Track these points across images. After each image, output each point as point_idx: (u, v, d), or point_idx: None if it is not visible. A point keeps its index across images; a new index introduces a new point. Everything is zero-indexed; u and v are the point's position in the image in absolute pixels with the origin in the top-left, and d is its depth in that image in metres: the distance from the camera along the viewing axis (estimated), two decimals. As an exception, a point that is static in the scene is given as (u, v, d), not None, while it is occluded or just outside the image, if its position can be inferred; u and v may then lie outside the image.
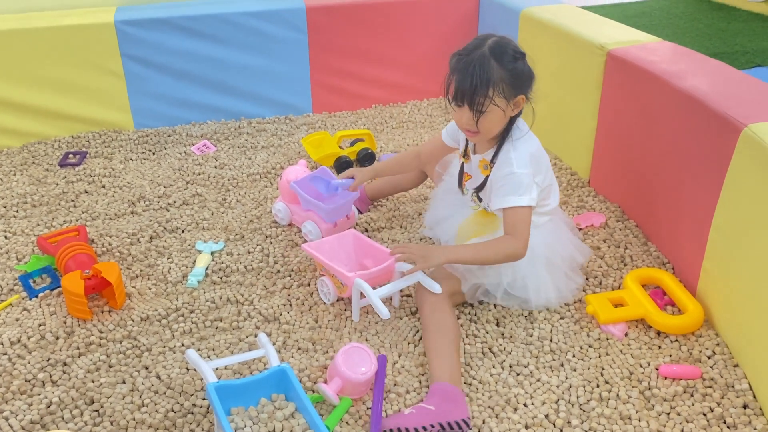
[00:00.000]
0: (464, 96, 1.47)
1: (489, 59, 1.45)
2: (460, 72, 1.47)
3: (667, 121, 1.73)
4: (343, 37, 2.71)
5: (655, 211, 1.83)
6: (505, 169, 1.52)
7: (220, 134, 2.62)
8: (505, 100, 1.47)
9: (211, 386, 1.24)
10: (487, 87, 1.44)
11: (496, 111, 1.47)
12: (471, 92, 1.45)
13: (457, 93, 1.48)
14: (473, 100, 1.45)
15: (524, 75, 1.49)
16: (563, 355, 1.48)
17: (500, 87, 1.45)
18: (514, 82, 1.47)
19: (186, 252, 1.89)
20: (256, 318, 1.61)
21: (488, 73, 1.44)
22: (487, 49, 1.46)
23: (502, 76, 1.45)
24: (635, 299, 1.57)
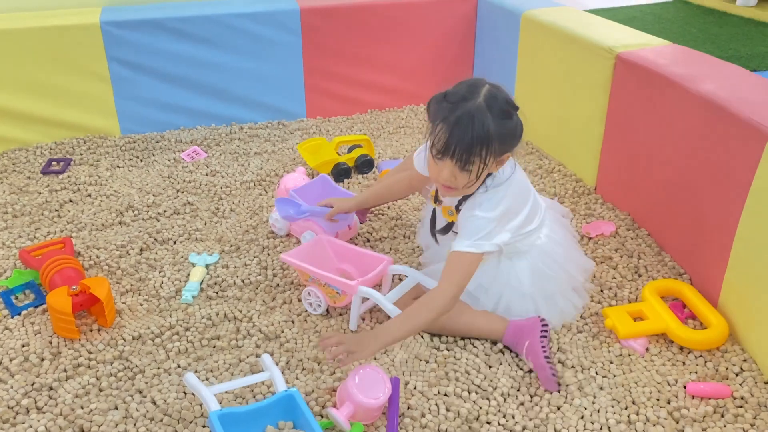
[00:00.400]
0: (454, 152, 1.30)
1: (485, 114, 1.28)
2: (454, 125, 1.29)
3: (683, 126, 1.67)
4: (338, 40, 2.62)
5: (670, 220, 1.77)
6: (468, 212, 1.41)
7: (210, 140, 2.52)
8: (494, 157, 1.33)
9: (214, 415, 1.14)
10: (481, 147, 1.29)
11: (481, 168, 1.33)
12: (467, 151, 1.29)
13: (448, 148, 1.30)
14: (466, 158, 1.30)
15: (517, 132, 1.35)
16: (586, 371, 1.40)
17: (493, 147, 1.31)
18: (506, 139, 1.33)
19: (179, 265, 1.78)
20: (256, 336, 1.52)
21: (485, 130, 1.28)
22: (484, 102, 1.29)
23: (497, 135, 1.30)
24: (655, 313, 1.50)
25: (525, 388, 1.37)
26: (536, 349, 1.39)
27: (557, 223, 1.62)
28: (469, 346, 1.48)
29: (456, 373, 1.40)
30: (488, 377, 1.39)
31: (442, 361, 1.43)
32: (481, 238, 1.38)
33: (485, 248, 1.38)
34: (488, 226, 1.39)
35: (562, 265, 1.54)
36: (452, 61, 2.80)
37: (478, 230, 1.38)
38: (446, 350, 1.47)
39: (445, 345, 1.48)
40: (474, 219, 1.39)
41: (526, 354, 1.41)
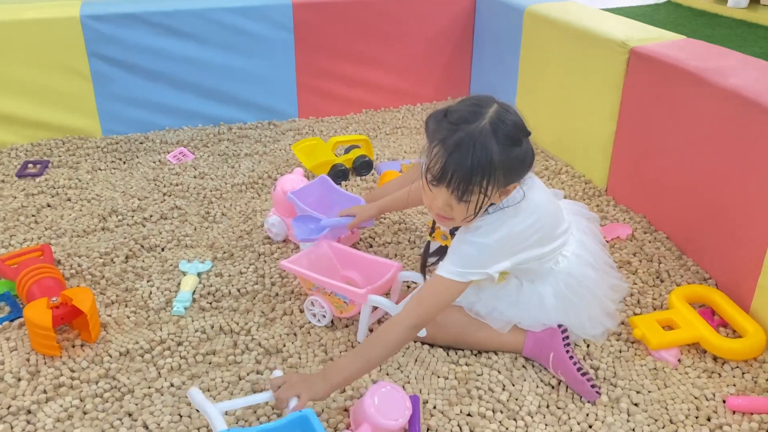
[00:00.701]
0: (451, 180, 1.13)
1: (491, 140, 1.12)
2: (453, 149, 1.12)
3: (709, 123, 1.58)
4: (333, 37, 2.51)
5: (691, 222, 1.68)
6: (462, 235, 1.25)
7: (197, 141, 2.39)
8: (497, 188, 1.16)
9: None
10: (485, 176, 1.12)
11: (481, 200, 1.16)
12: (465, 180, 1.12)
13: (444, 175, 1.13)
14: (464, 188, 1.13)
15: (526, 161, 1.18)
16: (619, 386, 1.29)
17: (497, 178, 1.14)
18: (513, 169, 1.17)
19: (168, 273, 1.65)
20: (255, 351, 1.39)
21: (488, 158, 1.11)
22: (489, 125, 1.13)
23: (503, 164, 1.13)
24: (686, 321, 1.40)
25: (553, 406, 1.26)
26: (565, 361, 1.28)
27: (587, 235, 1.46)
28: (489, 359, 1.37)
29: (478, 390, 1.28)
30: (513, 394, 1.28)
31: (462, 377, 1.31)
32: (469, 265, 1.21)
33: (471, 277, 1.22)
34: (481, 253, 1.22)
35: (592, 289, 1.39)
36: (450, 59, 2.70)
37: (468, 257, 1.22)
38: (465, 365, 1.35)
39: (464, 359, 1.37)
40: (466, 244, 1.23)
41: (554, 367, 1.31)
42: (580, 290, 1.37)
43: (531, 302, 1.35)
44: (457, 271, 1.21)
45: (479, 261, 1.22)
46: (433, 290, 1.24)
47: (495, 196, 1.18)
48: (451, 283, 1.22)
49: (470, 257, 1.22)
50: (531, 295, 1.35)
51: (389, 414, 1.11)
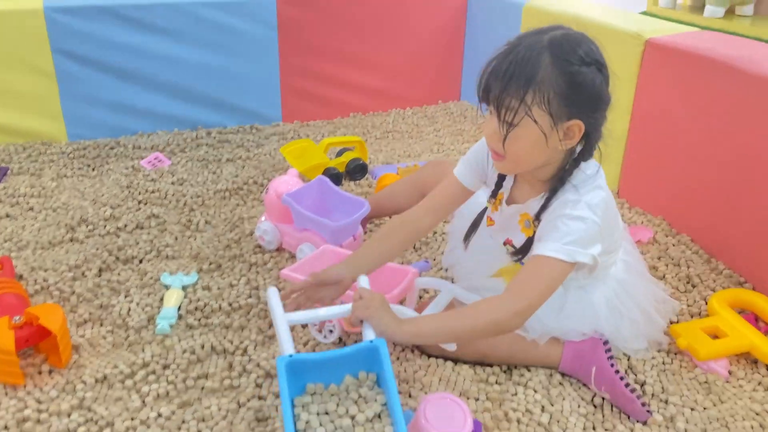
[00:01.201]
0: (490, 92, 1.02)
1: (543, 52, 0.99)
2: (498, 58, 1.03)
3: (740, 114, 1.46)
4: (319, 35, 2.35)
5: (719, 223, 1.56)
6: (558, 211, 1.08)
7: (174, 146, 2.20)
8: (550, 117, 1.00)
9: (281, 361, 0.98)
10: (525, 87, 0.99)
11: (533, 130, 1.01)
12: (501, 89, 1.00)
13: (484, 87, 1.03)
14: (501, 100, 1.01)
15: (590, 91, 1.01)
16: (672, 403, 1.15)
17: (545, 95, 0.99)
18: (571, 95, 1.00)
19: (149, 287, 1.46)
20: (254, 373, 1.21)
21: (533, 67, 0.98)
22: (547, 40, 1.01)
23: (554, 80, 0.99)
24: (734, 328, 1.27)
25: (600, 428, 1.11)
26: (610, 377, 1.13)
27: (625, 240, 1.31)
28: (521, 377, 1.21)
29: (515, 412, 1.12)
30: (554, 416, 1.12)
31: (496, 397, 1.15)
32: (574, 242, 1.03)
33: (578, 257, 1.03)
34: (588, 228, 1.04)
35: (640, 300, 1.24)
36: (441, 60, 2.57)
37: (573, 232, 1.04)
38: (496, 384, 1.19)
39: (493, 377, 1.21)
40: (566, 219, 1.05)
41: (597, 383, 1.16)
42: (628, 300, 1.23)
43: (578, 309, 1.20)
44: (565, 249, 1.03)
45: (585, 237, 1.04)
46: (538, 272, 1.04)
47: (552, 132, 1.01)
48: (557, 263, 1.03)
49: (576, 231, 1.04)
50: (579, 301, 1.20)
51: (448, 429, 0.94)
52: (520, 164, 1.09)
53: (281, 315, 1.08)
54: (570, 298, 1.20)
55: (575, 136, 1.04)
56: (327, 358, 1.01)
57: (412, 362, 1.24)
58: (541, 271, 1.05)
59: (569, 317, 1.19)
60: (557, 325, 1.20)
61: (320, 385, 1.01)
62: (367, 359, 1.02)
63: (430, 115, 2.54)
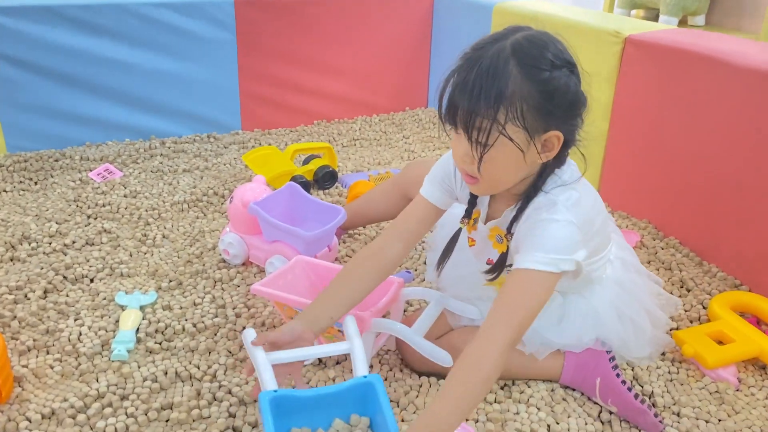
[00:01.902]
0: (456, 113, 0.90)
1: (509, 61, 0.88)
2: (459, 75, 0.90)
3: (729, 110, 1.41)
4: (280, 39, 2.24)
5: (709, 224, 1.50)
6: (537, 216, 0.96)
7: (125, 157, 2.04)
8: (526, 132, 0.89)
9: (265, 396, 0.88)
10: (495, 105, 0.87)
11: (509, 148, 0.91)
12: (468, 109, 0.89)
13: (448, 108, 0.91)
14: (470, 122, 0.89)
15: (566, 97, 0.90)
16: (684, 415, 1.06)
17: (518, 110, 0.88)
18: (545, 105, 0.89)
19: (101, 309, 1.31)
20: (226, 401, 1.08)
21: (501, 82, 0.87)
22: (510, 47, 0.89)
23: (525, 92, 0.88)
24: (740, 333, 1.20)
25: None
26: (617, 388, 1.04)
27: (617, 234, 1.24)
28: (522, 394, 1.11)
29: (520, 432, 1.02)
30: (562, 435, 1.02)
31: (497, 417, 1.05)
32: (557, 249, 0.92)
33: (563, 266, 0.92)
34: (568, 232, 0.93)
35: (641, 299, 1.16)
36: (407, 66, 2.48)
37: (555, 239, 0.93)
38: (495, 402, 1.09)
39: (491, 395, 1.10)
40: (545, 224, 0.94)
41: (602, 396, 1.06)
42: (630, 300, 1.14)
43: (579, 318, 1.10)
44: (548, 258, 0.91)
45: (568, 242, 0.93)
46: (523, 289, 0.92)
47: (530, 147, 0.91)
48: (543, 276, 0.91)
49: (556, 237, 0.93)
50: (579, 309, 1.11)
51: None
52: (497, 185, 0.98)
53: (263, 356, 0.94)
54: (570, 308, 1.11)
55: (554, 148, 0.93)
56: (315, 396, 0.91)
57: (401, 382, 1.12)
58: (526, 287, 0.92)
59: (570, 327, 1.10)
60: (558, 338, 1.10)
61: (306, 430, 0.90)
62: (361, 398, 0.91)
63: (397, 122, 2.45)
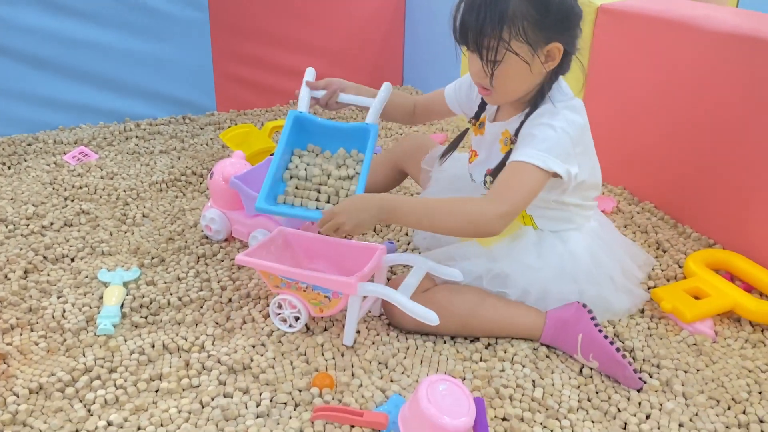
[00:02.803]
0: (467, 36, 1.07)
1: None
2: (465, 3, 1.07)
3: (700, 73, 1.44)
4: (254, 18, 2.22)
5: (683, 188, 1.54)
6: (535, 120, 1.10)
7: (100, 139, 2.02)
8: (529, 46, 1.04)
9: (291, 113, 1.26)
10: (499, 25, 1.03)
11: (516, 62, 1.06)
12: (477, 32, 1.05)
13: (461, 31, 1.08)
14: (480, 42, 1.05)
15: (560, 11, 1.05)
16: (665, 367, 1.09)
17: (520, 27, 1.03)
18: (543, 21, 1.04)
19: (84, 286, 1.30)
20: (216, 369, 1.08)
21: (502, 4, 1.03)
22: None
23: (524, 11, 1.03)
24: (715, 288, 1.24)
25: (596, 398, 1.04)
26: (600, 343, 1.07)
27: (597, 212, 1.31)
28: (505, 353, 1.13)
29: (507, 389, 1.04)
30: (547, 390, 1.05)
31: (484, 375, 1.07)
32: (549, 150, 1.05)
33: (553, 166, 1.05)
34: (560, 137, 1.06)
35: (619, 255, 1.22)
36: (382, 44, 2.49)
37: (547, 140, 1.06)
38: (481, 361, 1.11)
39: (477, 354, 1.12)
40: (541, 127, 1.08)
41: (584, 352, 1.09)
42: (605, 248, 1.20)
43: (556, 256, 1.16)
44: (540, 155, 1.05)
45: (560, 147, 1.07)
46: (517, 177, 1.06)
47: (534, 59, 1.06)
48: (533, 169, 1.05)
49: (551, 139, 1.06)
50: (555, 249, 1.17)
51: (453, 413, 0.85)
52: (509, 95, 1.13)
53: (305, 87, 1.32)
54: (547, 247, 1.17)
55: (556, 57, 1.08)
56: (329, 126, 1.28)
57: (389, 345, 1.14)
58: (520, 176, 1.06)
59: (547, 267, 1.15)
60: (537, 280, 1.14)
61: (318, 148, 1.28)
62: (360, 138, 1.24)
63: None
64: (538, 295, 1.16)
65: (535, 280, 1.15)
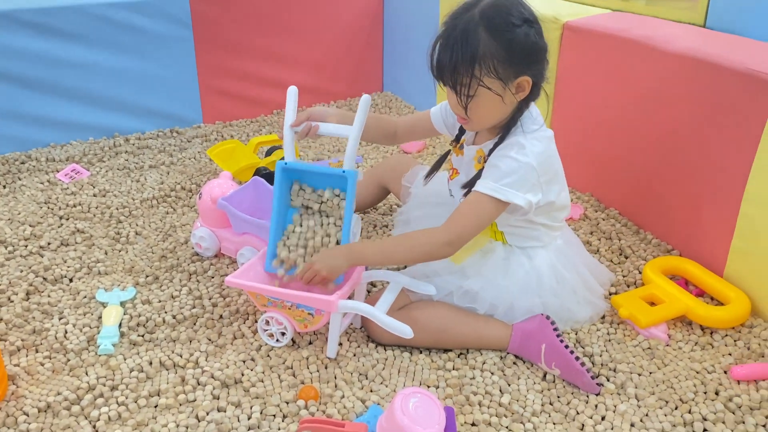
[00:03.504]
0: (444, 74, 1.17)
1: (477, 27, 1.12)
2: (442, 42, 1.16)
3: (657, 91, 1.54)
4: (236, 32, 2.29)
5: (644, 195, 1.63)
6: (503, 151, 1.20)
7: (91, 155, 2.09)
8: (500, 81, 1.14)
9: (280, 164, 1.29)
10: (471, 64, 1.13)
11: (489, 95, 1.16)
12: (451, 70, 1.15)
13: (437, 69, 1.18)
14: (454, 80, 1.15)
15: (526, 49, 1.14)
16: (620, 371, 1.20)
17: (490, 65, 1.13)
18: (511, 58, 1.13)
19: (83, 307, 1.39)
20: (210, 384, 1.18)
21: (473, 45, 1.12)
22: (478, 13, 1.13)
23: (493, 50, 1.12)
24: (669, 294, 1.34)
25: (557, 402, 1.14)
26: (561, 353, 1.17)
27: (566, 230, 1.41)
28: (475, 361, 1.23)
29: (476, 396, 1.14)
30: (514, 395, 1.15)
31: (455, 383, 1.17)
32: (510, 184, 1.16)
33: (511, 197, 1.16)
34: (523, 171, 1.16)
35: (581, 271, 1.32)
36: (361, 52, 2.56)
37: (507, 172, 1.16)
38: (454, 369, 1.21)
39: (450, 363, 1.22)
40: (506, 158, 1.17)
41: (547, 360, 1.19)
42: (568, 264, 1.30)
43: (522, 273, 1.26)
44: (497, 186, 1.16)
45: (519, 179, 1.16)
46: (471, 207, 1.18)
47: (506, 92, 1.16)
48: (489, 200, 1.17)
49: (510, 172, 1.16)
50: (522, 265, 1.27)
51: (425, 424, 0.95)
52: (484, 123, 1.23)
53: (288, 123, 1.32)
54: (513, 260, 1.27)
55: (526, 89, 1.18)
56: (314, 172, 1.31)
57: (369, 357, 1.23)
58: (475, 207, 1.18)
59: (514, 284, 1.25)
60: (504, 294, 1.24)
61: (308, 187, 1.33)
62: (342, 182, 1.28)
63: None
64: (505, 309, 1.25)
65: (502, 295, 1.25)
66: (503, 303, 1.25)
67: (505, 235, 1.31)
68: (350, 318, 1.28)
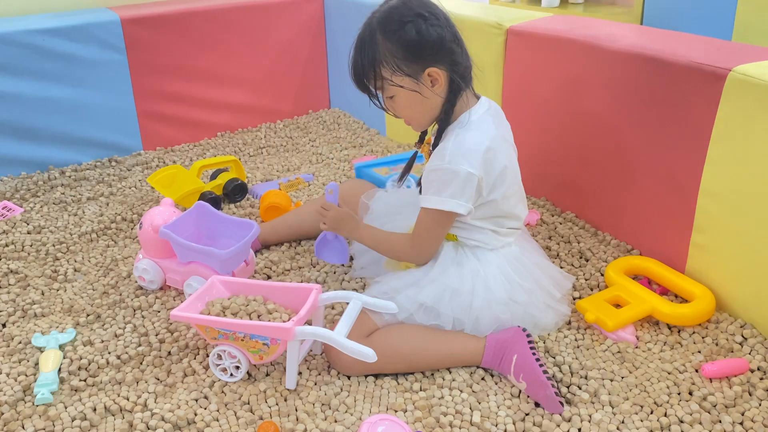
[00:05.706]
0: (359, 83, 1.24)
1: (374, 32, 1.19)
2: (351, 54, 1.23)
3: (604, 89, 1.52)
4: (173, 55, 2.21)
5: (599, 197, 1.62)
6: (434, 162, 1.22)
7: (24, 191, 1.97)
8: (409, 78, 1.19)
9: None
10: (376, 68, 1.19)
11: (406, 93, 1.20)
12: (360, 77, 1.22)
13: (354, 82, 1.25)
14: (368, 87, 1.23)
15: (421, 41, 1.17)
16: (592, 378, 1.16)
17: (393, 64, 1.18)
18: (411, 53, 1.17)
19: (18, 353, 1.28)
20: (160, 428, 1.09)
21: (373, 50, 1.18)
22: (375, 20, 1.20)
23: (392, 50, 1.17)
24: (634, 295, 1.32)
25: (530, 416, 1.10)
26: (530, 364, 1.12)
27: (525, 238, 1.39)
28: (443, 380, 1.18)
29: (447, 417, 1.09)
30: (484, 413, 1.10)
31: (424, 405, 1.11)
32: (438, 191, 1.19)
33: (456, 208, 1.19)
34: (457, 177, 1.17)
35: (537, 278, 1.28)
36: (305, 69, 2.50)
37: (444, 183, 1.19)
38: (421, 390, 1.15)
39: (417, 384, 1.16)
40: (439, 172, 1.20)
41: (516, 372, 1.14)
42: (526, 275, 1.26)
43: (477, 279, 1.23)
44: (432, 199, 1.20)
45: (453, 184, 1.18)
46: (424, 226, 1.24)
47: (420, 86, 1.19)
48: (435, 212, 1.21)
49: (443, 182, 1.19)
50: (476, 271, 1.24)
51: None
52: (419, 121, 1.26)
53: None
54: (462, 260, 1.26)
55: (440, 79, 1.19)
56: None
57: (331, 384, 1.17)
58: (427, 222, 1.23)
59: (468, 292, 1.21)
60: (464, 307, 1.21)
61: None
62: None
63: (302, 125, 2.47)
64: (472, 324, 1.21)
65: (462, 307, 1.20)
66: (469, 318, 1.20)
67: (453, 229, 1.28)
68: (309, 344, 1.21)
